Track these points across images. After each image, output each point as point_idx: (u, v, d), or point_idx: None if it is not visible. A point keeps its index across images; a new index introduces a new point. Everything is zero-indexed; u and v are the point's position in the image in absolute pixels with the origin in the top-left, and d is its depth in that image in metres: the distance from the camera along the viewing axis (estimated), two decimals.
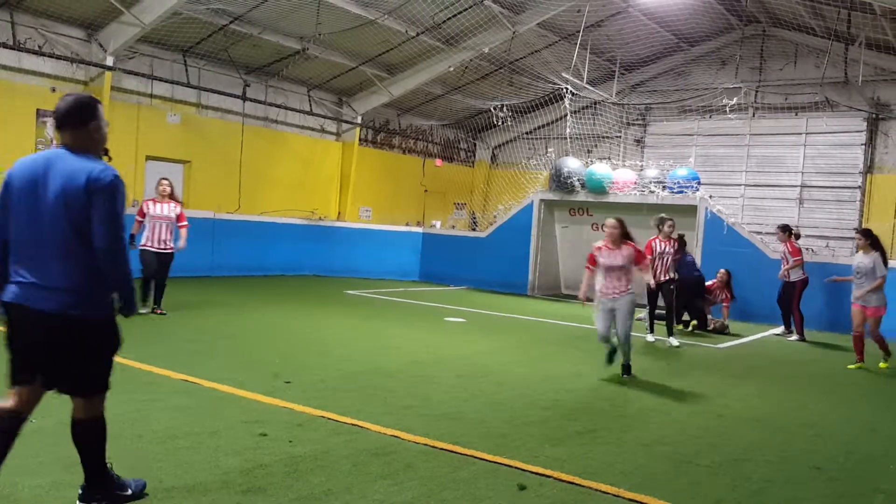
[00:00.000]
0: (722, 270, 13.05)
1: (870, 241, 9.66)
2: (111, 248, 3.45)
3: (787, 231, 12.61)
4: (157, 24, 14.18)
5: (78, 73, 14.67)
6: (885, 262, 9.60)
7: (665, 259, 10.97)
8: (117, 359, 3.76)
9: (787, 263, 12.42)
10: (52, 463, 4.26)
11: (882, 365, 9.74)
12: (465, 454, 4.93)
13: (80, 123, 3.58)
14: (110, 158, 4.00)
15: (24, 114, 13.87)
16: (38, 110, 14.05)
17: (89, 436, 3.72)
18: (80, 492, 3.77)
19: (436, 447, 5.04)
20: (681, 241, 12.21)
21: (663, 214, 11.61)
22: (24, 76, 13.92)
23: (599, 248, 8.03)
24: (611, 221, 8.02)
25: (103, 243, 3.44)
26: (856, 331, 9.73)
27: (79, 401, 3.67)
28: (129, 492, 3.82)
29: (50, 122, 14.22)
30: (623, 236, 7.97)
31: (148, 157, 15.94)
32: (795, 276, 12.41)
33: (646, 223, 12.74)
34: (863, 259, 9.63)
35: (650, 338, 11.00)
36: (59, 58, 14.18)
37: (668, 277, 10.93)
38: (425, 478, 4.44)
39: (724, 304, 12.93)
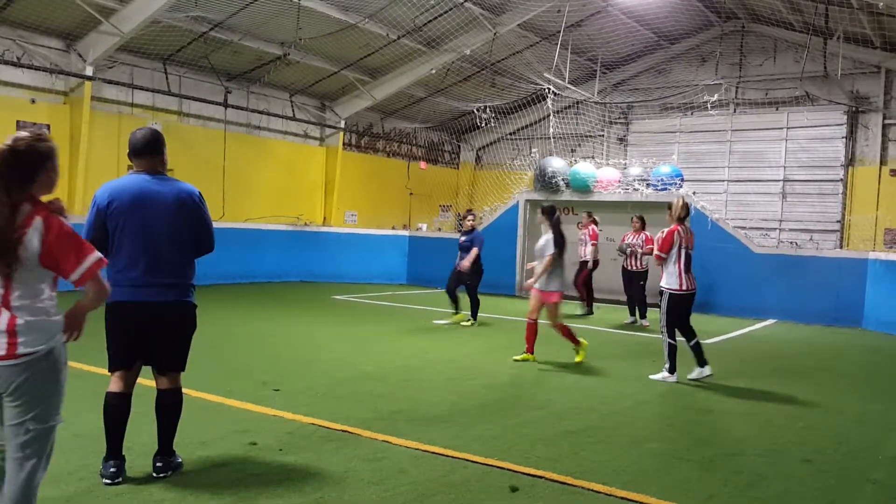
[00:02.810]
0: None
1: (548, 216, 8.65)
2: (211, 247, 4.47)
3: (590, 216, 14.03)
4: (137, 33, 14.09)
5: (58, 84, 14.56)
6: (560, 244, 8.47)
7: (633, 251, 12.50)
8: (102, 372, 4.15)
9: (585, 246, 13.60)
10: None
11: (578, 358, 8.66)
12: (457, 457, 4.92)
13: (156, 152, 4.38)
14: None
15: (3, 125, 13.70)
16: (17, 122, 13.91)
17: (174, 401, 4.43)
18: (158, 464, 4.33)
19: (427, 451, 5.02)
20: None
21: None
22: (3, 88, 13.79)
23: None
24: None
25: (207, 245, 4.44)
26: (530, 317, 8.65)
27: (167, 377, 4.40)
28: (179, 460, 4.51)
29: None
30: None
31: (130, 167, 15.81)
32: (591, 256, 13.66)
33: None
34: (540, 239, 8.64)
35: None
36: (38, 69, 14.06)
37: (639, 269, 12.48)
38: (417, 482, 4.43)
39: None
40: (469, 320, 11.66)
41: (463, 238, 11.91)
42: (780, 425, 6.20)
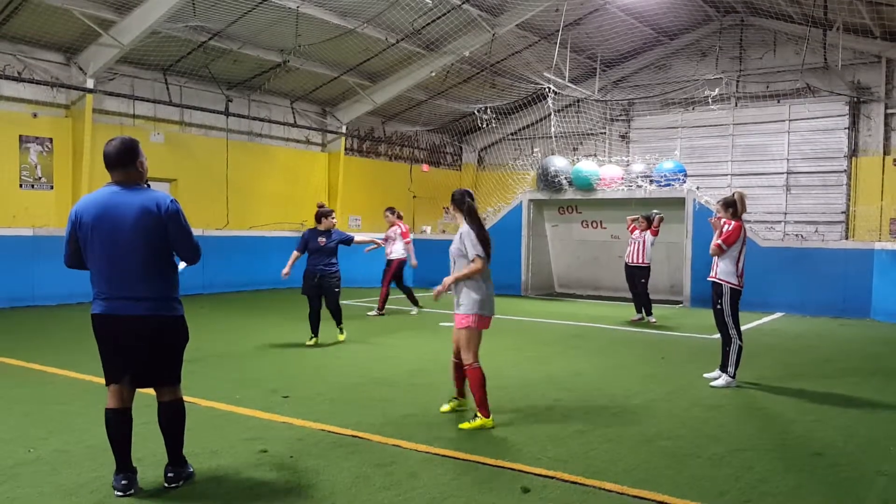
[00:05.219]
0: None
1: (457, 205, 6.14)
2: (195, 255, 4.40)
3: (394, 213, 13.86)
4: (136, 45, 14.13)
5: (59, 98, 14.61)
6: (485, 242, 6.03)
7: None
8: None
9: (395, 242, 13.71)
10: (53, 493, 4.23)
11: (464, 425, 5.78)
12: (468, 460, 4.92)
13: (130, 162, 4.24)
14: (149, 185, 4.50)
15: (6, 140, 13.79)
16: (20, 136, 13.98)
17: (176, 415, 4.40)
18: (169, 474, 4.34)
19: (438, 454, 5.03)
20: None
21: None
22: (4, 103, 13.84)
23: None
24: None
25: (189, 253, 4.35)
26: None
27: (163, 389, 4.37)
28: (191, 469, 4.52)
29: (33, 147, 14.16)
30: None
31: None
32: (397, 255, 13.75)
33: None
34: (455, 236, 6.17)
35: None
36: (39, 83, 14.11)
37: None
38: (428, 486, 4.43)
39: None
40: (343, 333, 10.22)
41: (323, 240, 9.92)
42: (789, 419, 6.19)
